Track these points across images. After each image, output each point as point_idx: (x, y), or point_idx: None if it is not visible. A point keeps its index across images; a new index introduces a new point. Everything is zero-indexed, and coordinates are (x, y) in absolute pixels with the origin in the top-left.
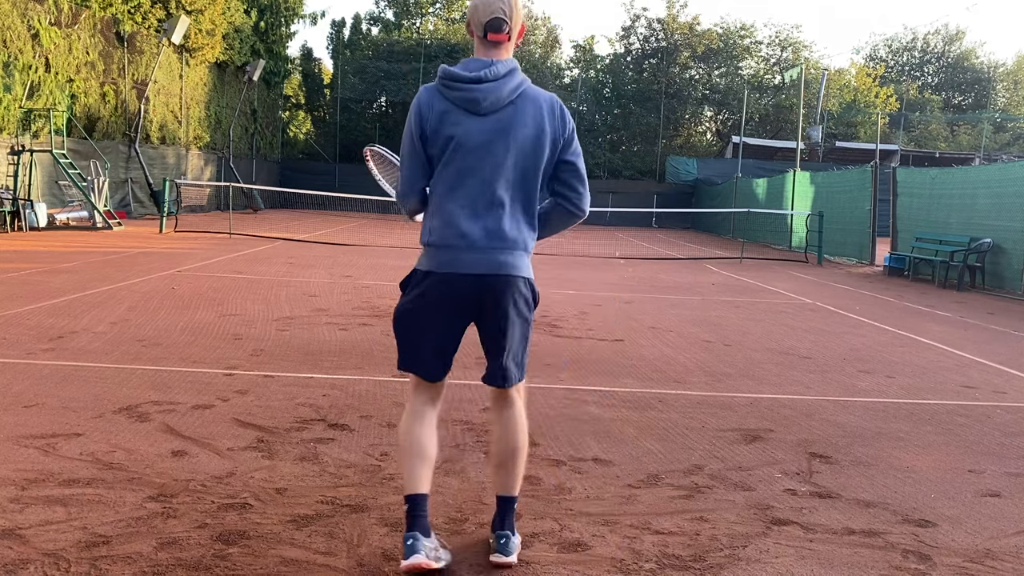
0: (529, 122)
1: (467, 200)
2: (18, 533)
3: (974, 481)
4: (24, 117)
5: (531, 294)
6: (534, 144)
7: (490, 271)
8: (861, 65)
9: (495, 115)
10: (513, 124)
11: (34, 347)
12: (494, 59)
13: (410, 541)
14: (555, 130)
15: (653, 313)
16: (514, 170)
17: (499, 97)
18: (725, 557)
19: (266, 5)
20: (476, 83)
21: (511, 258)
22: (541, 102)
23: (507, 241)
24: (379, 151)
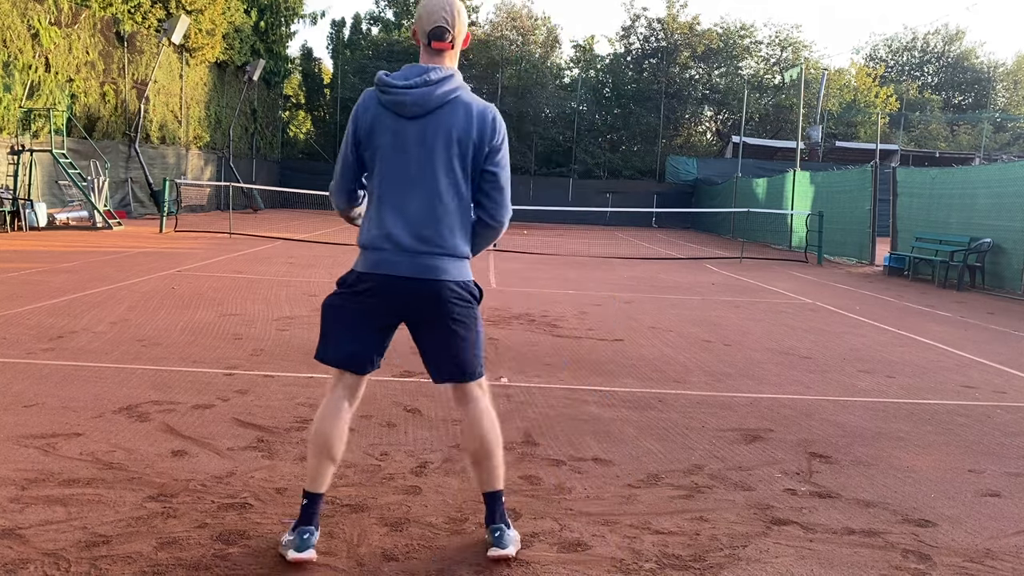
0: (456, 128)
1: (395, 203)
2: (18, 533)
3: (974, 481)
4: (24, 117)
5: (469, 294)
6: (461, 150)
7: (417, 275)
8: (861, 65)
9: (423, 119)
10: (440, 129)
11: (34, 347)
12: (434, 66)
13: (306, 535)
14: (482, 137)
15: (653, 313)
16: (441, 174)
17: (428, 102)
18: (725, 557)
19: (266, 5)
20: (407, 89)
21: (440, 263)
22: (472, 109)
23: (435, 245)
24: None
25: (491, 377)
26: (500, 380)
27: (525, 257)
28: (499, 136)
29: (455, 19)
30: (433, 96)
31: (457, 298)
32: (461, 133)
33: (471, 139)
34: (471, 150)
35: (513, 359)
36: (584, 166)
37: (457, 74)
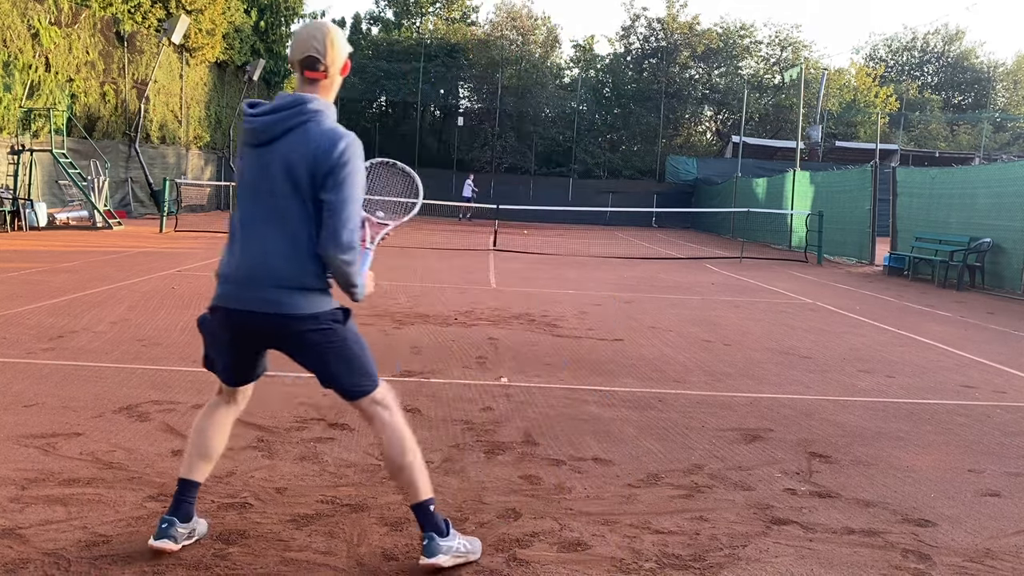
0: (294, 155)
1: (241, 235)
2: (18, 532)
3: (974, 481)
4: (24, 117)
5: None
6: (295, 178)
7: (255, 309)
8: (861, 65)
9: (267, 147)
10: (280, 158)
11: (34, 346)
12: (293, 94)
13: (164, 524)
14: (316, 164)
15: (653, 313)
16: (280, 205)
17: (271, 130)
18: (725, 556)
19: (266, 5)
20: (254, 117)
21: (284, 296)
22: (315, 135)
23: (277, 279)
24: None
25: (491, 377)
26: (500, 380)
27: (525, 257)
28: (334, 161)
29: (327, 48)
30: (277, 124)
31: (309, 330)
32: (297, 160)
33: (306, 167)
34: (306, 178)
35: (513, 359)
36: (584, 166)
37: (317, 102)
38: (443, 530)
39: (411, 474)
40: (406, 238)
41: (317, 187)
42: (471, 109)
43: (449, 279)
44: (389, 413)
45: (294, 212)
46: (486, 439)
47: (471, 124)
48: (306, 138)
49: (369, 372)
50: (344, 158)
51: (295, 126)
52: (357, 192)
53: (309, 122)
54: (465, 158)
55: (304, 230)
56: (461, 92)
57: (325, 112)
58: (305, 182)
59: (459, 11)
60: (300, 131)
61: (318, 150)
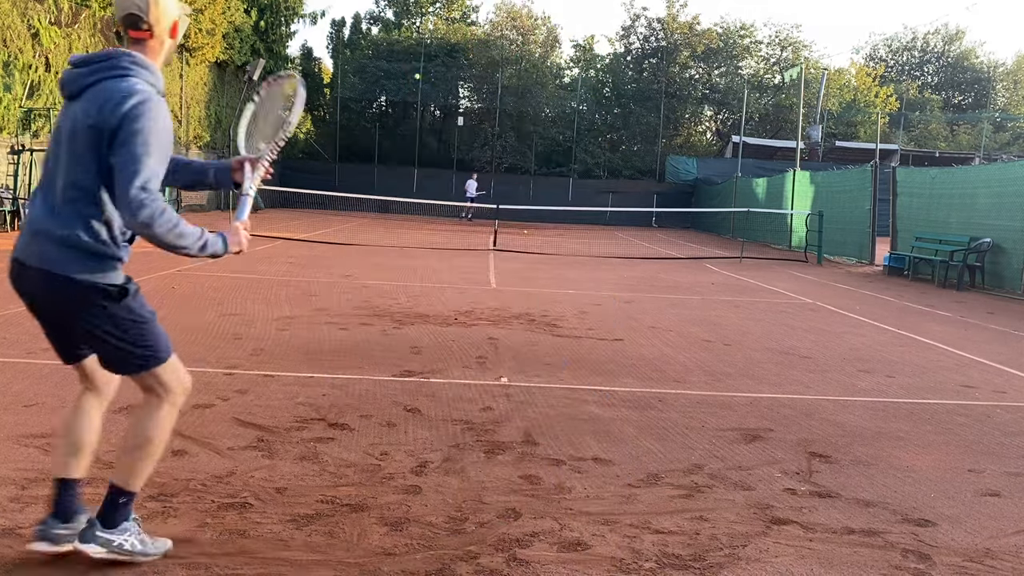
0: (84, 113)
1: (39, 187)
2: (18, 532)
3: (974, 480)
4: (24, 116)
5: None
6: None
7: (27, 260)
8: (861, 65)
9: (73, 102)
10: (77, 113)
11: (34, 346)
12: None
13: (41, 526)
14: (102, 123)
15: (653, 313)
16: (68, 161)
17: (72, 85)
18: (725, 556)
19: (266, 4)
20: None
21: (50, 250)
22: (107, 93)
23: (52, 233)
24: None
25: (491, 377)
26: (500, 380)
27: (525, 257)
28: (119, 118)
29: (150, 6)
30: (77, 81)
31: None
32: (85, 119)
33: (94, 125)
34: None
35: (513, 359)
36: (584, 166)
37: (131, 58)
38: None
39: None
40: (406, 238)
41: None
42: (471, 109)
43: (449, 279)
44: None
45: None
46: (486, 439)
47: (471, 124)
48: (99, 96)
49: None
50: (132, 114)
51: (96, 82)
52: (145, 154)
53: (111, 79)
54: (465, 158)
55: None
56: (461, 92)
57: (135, 71)
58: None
59: (459, 11)
60: (99, 87)
61: (105, 105)
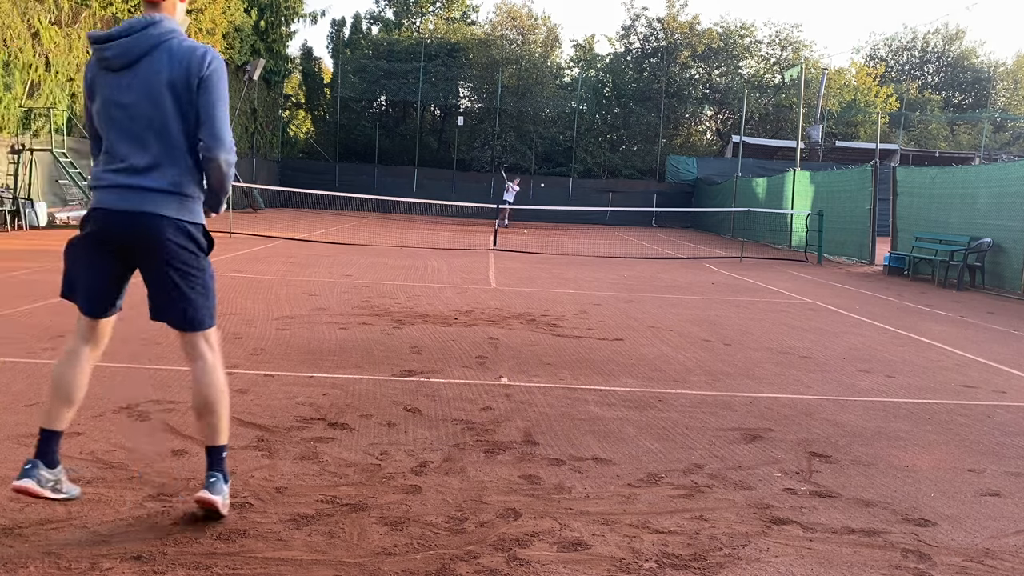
0: (164, 71)
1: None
2: (18, 532)
3: (974, 480)
4: (24, 116)
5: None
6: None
7: (132, 208)
8: (861, 64)
9: (130, 69)
10: (146, 75)
11: (34, 346)
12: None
13: (28, 466)
14: (188, 74)
15: (653, 312)
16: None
17: (130, 51)
18: (725, 556)
19: (266, 4)
20: (109, 42)
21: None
22: (178, 50)
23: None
24: None
25: (491, 377)
26: (500, 380)
27: (525, 257)
28: (206, 69)
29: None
30: (135, 46)
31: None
32: (168, 75)
33: (179, 79)
34: (181, 90)
35: (513, 359)
36: (584, 166)
37: (167, 20)
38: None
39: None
40: (407, 238)
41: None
42: (471, 109)
43: (449, 279)
44: (214, 355)
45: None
46: (486, 439)
47: (471, 124)
48: (171, 54)
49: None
50: (212, 67)
51: (156, 45)
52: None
53: (168, 40)
54: (465, 158)
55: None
56: (461, 92)
57: (179, 30)
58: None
59: (459, 11)
60: (160, 49)
61: (188, 63)
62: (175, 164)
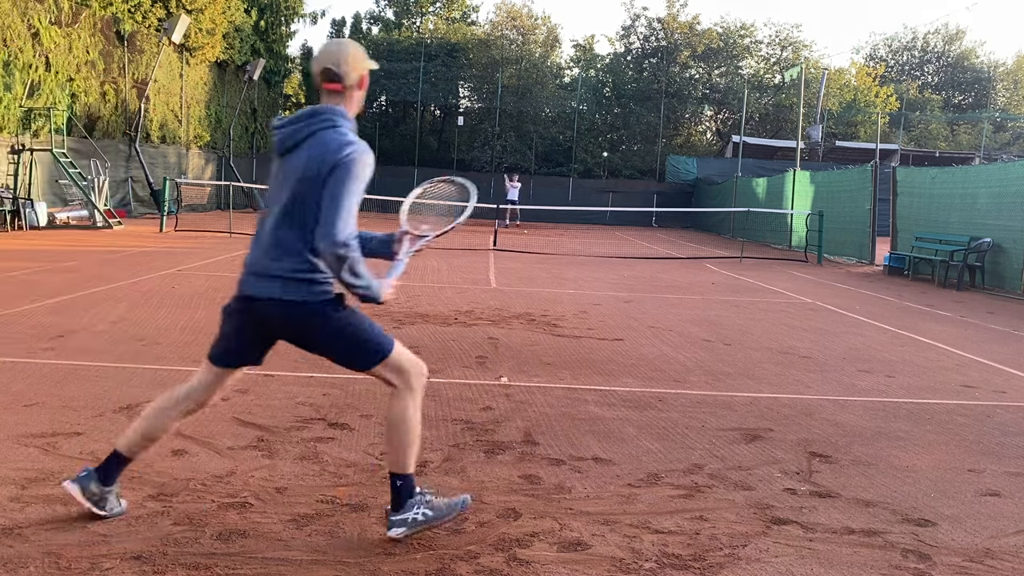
0: (304, 161)
1: (257, 232)
2: (19, 532)
3: (974, 480)
4: (24, 116)
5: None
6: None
7: (255, 294)
8: (861, 64)
9: (287, 156)
10: (295, 164)
11: (34, 346)
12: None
13: (84, 473)
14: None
15: (653, 312)
16: (286, 205)
17: (288, 140)
18: (725, 556)
19: (266, 4)
20: (278, 129)
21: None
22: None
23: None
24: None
25: (491, 377)
26: (500, 380)
27: (525, 257)
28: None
29: (344, 64)
30: (293, 136)
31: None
32: (306, 167)
33: (311, 171)
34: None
35: (513, 359)
36: (584, 166)
37: (331, 110)
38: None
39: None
40: None
41: (319, 188)
42: (471, 109)
43: (449, 279)
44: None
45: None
46: (486, 439)
47: (471, 124)
48: (316, 145)
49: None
50: (347, 161)
51: (311, 133)
52: (352, 192)
53: (324, 129)
54: (465, 158)
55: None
56: (461, 92)
57: (339, 120)
58: (309, 185)
59: (459, 11)
60: (316, 137)
61: (327, 152)
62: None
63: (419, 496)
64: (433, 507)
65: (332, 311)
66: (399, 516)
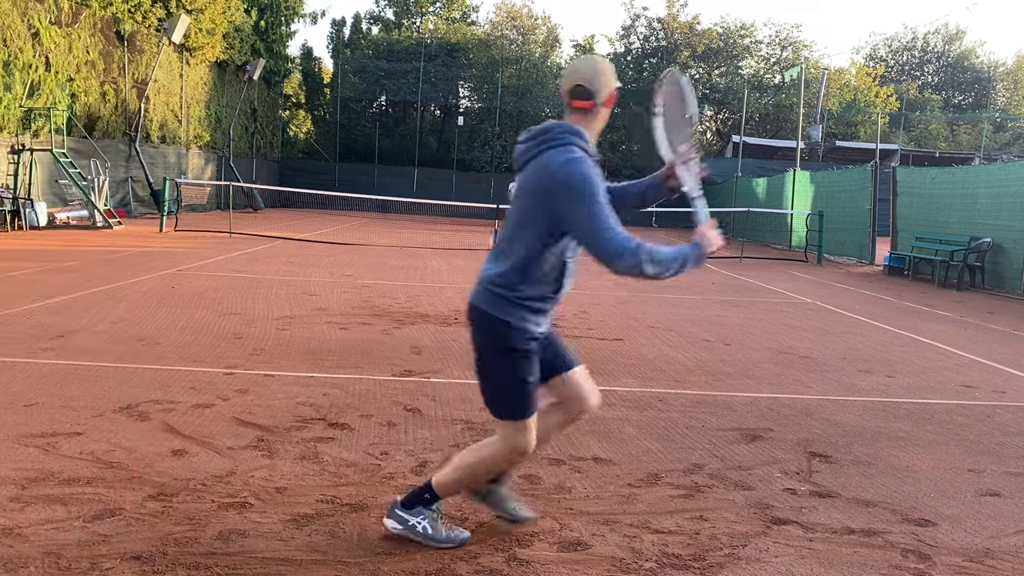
0: (531, 179)
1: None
2: (18, 532)
3: (974, 480)
4: (24, 116)
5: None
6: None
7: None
8: (861, 64)
9: (520, 172)
10: (522, 182)
11: (34, 346)
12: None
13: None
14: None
15: (653, 312)
16: (512, 217)
17: (522, 157)
18: (725, 556)
19: (266, 4)
20: (518, 144)
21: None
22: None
23: (482, 272)
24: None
25: None
26: None
27: None
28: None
29: (595, 79)
30: (524, 154)
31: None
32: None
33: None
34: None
35: None
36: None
37: (561, 127)
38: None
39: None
40: (407, 238)
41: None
42: (471, 109)
43: (449, 279)
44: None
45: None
46: None
47: (471, 124)
48: (541, 165)
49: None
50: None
51: (538, 154)
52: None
53: (551, 149)
54: (465, 158)
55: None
56: (461, 92)
57: (569, 138)
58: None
59: (459, 11)
60: (542, 158)
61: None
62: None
63: (432, 511)
64: (435, 528)
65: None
66: (404, 514)
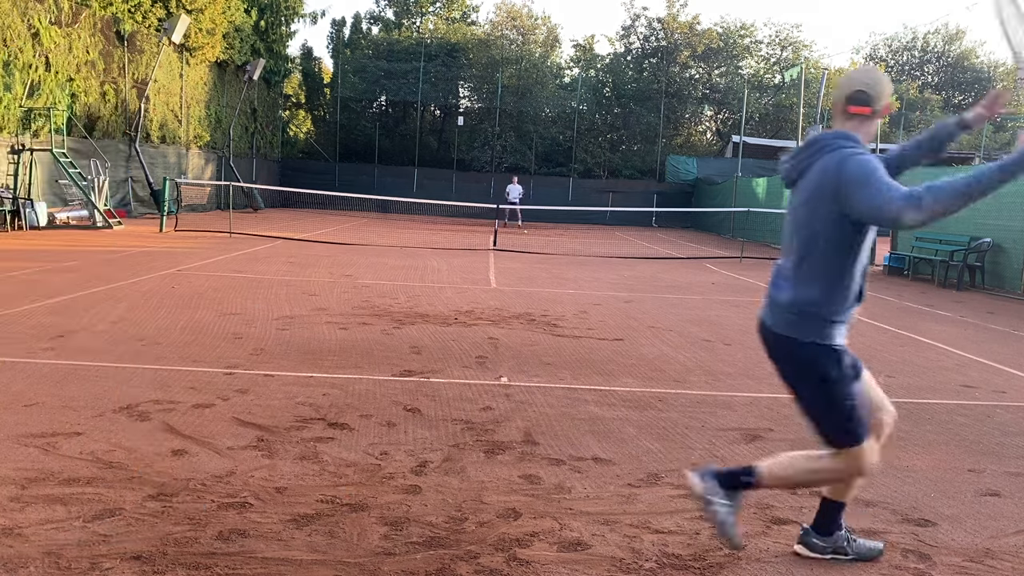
0: (810, 187)
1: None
2: (18, 532)
3: (974, 480)
4: (24, 116)
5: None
6: (810, 207)
7: (767, 323)
8: (861, 65)
9: (796, 186)
10: (798, 195)
11: (34, 346)
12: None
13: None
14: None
15: (653, 312)
16: (798, 234)
17: (794, 171)
18: (725, 556)
19: (266, 4)
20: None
21: (780, 315)
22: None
23: (780, 299)
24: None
25: (491, 377)
26: (500, 380)
27: (525, 257)
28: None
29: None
30: (795, 168)
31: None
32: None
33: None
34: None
35: (513, 359)
36: (584, 166)
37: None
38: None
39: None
40: (407, 238)
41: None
42: (471, 109)
43: (449, 279)
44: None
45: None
46: (486, 439)
47: (471, 124)
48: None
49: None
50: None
51: (811, 164)
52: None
53: (823, 156)
54: (465, 158)
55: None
56: (461, 92)
57: (842, 143)
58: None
59: (459, 11)
60: (815, 167)
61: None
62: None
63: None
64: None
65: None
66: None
